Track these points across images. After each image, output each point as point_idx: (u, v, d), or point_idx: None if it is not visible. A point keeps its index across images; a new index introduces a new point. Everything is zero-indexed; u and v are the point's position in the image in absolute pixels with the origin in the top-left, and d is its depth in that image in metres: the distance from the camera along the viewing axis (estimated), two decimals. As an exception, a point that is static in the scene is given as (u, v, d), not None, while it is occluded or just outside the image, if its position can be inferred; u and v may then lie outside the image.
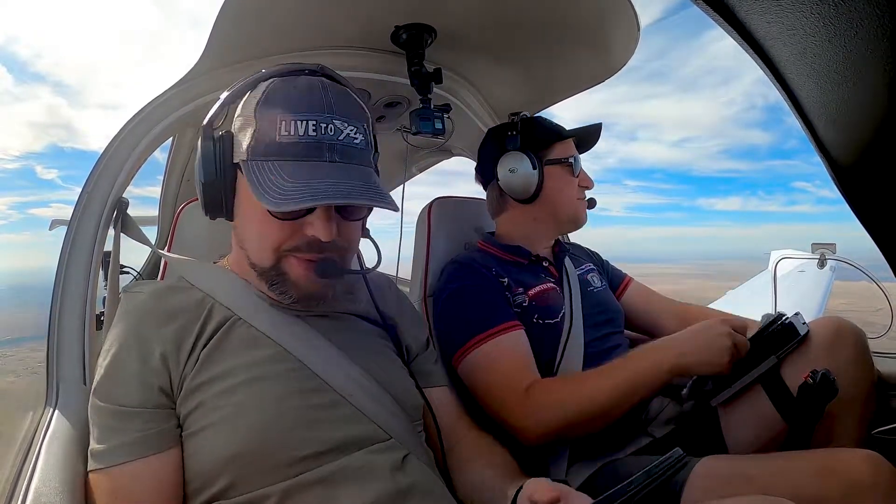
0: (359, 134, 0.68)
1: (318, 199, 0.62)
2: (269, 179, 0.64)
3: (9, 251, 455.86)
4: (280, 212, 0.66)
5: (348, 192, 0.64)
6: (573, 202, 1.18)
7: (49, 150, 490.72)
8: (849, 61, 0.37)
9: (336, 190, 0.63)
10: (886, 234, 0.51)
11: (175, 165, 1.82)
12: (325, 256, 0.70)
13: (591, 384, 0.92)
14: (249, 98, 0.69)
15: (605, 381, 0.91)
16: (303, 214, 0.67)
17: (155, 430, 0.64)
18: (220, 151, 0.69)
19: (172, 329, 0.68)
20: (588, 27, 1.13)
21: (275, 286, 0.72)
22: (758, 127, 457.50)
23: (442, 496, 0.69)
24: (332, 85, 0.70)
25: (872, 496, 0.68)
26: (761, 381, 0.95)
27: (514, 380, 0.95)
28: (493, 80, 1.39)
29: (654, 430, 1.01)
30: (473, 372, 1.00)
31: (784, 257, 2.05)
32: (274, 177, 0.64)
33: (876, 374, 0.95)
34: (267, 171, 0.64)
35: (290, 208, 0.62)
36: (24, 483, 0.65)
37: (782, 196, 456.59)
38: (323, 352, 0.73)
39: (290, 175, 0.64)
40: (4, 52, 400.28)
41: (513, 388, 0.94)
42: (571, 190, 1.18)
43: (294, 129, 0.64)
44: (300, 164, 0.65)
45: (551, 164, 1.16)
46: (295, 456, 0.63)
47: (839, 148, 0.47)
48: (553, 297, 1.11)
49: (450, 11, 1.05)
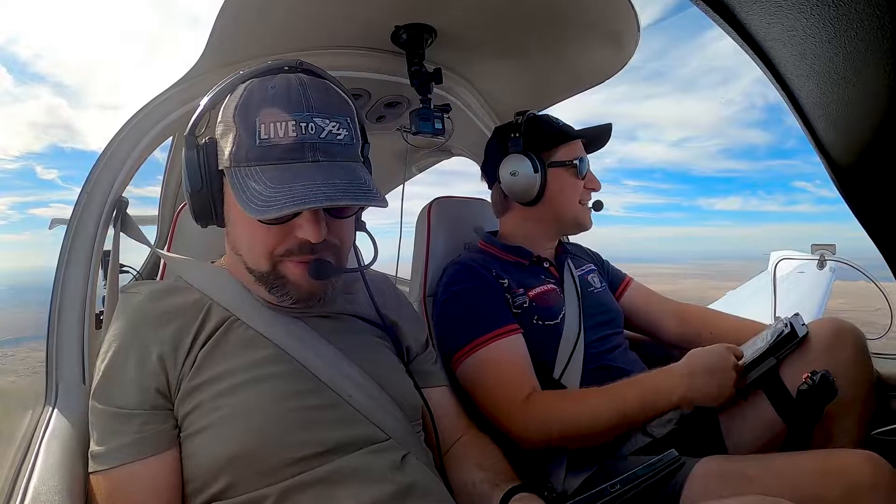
0: (342, 129, 0.66)
1: (299, 204, 0.61)
2: (252, 187, 0.63)
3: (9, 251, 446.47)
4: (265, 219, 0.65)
5: (332, 194, 0.62)
6: (576, 205, 1.17)
7: (49, 151, 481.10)
8: (849, 62, 0.37)
9: (319, 192, 0.62)
10: (886, 234, 0.51)
11: (175, 165, 1.81)
12: (318, 257, 0.69)
13: (594, 403, 0.91)
14: (229, 102, 0.68)
15: (609, 402, 0.90)
16: (290, 218, 0.67)
17: (152, 431, 0.64)
18: (204, 160, 0.68)
19: (170, 330, 0.68)
20: (588, 27, 1.13)
21: (274, 289, 0.71)
22: (757, 127, 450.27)
23: (441, 496, 0.69)
24: (311, 81, 0.68)
25: (872, 497, 0.68)
26: (761, 383, 0.95)
27: (512, 387, 0.95)
28: (494, 79, 1.39)
29: (654, 430, 1.01)
30: (472, 375, 1.00)
31: (784, 258, 2.05)
32: (256, 183, 0.63)
33: (875, 375, 0.95)
34: (249, 178, 0.63)
35: (273, 216, 0.61)
36: (22, 482, 0.65)
37: (782, 196, 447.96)
38: (321, 352, 0.72)
39: (271, 180, 0.62)
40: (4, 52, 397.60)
41: (511, 396, 0.94)
42: (575, 193, 1.16)
43: (273, 131, 0.63)
44: (282, 168, 0.63)
45: (555, 167, 1.15)
46: (293, 457, 0.63)
47: (839, 148, 0.47)
48: (553, 298, 1.11)
49: (450, 11, 1.05)
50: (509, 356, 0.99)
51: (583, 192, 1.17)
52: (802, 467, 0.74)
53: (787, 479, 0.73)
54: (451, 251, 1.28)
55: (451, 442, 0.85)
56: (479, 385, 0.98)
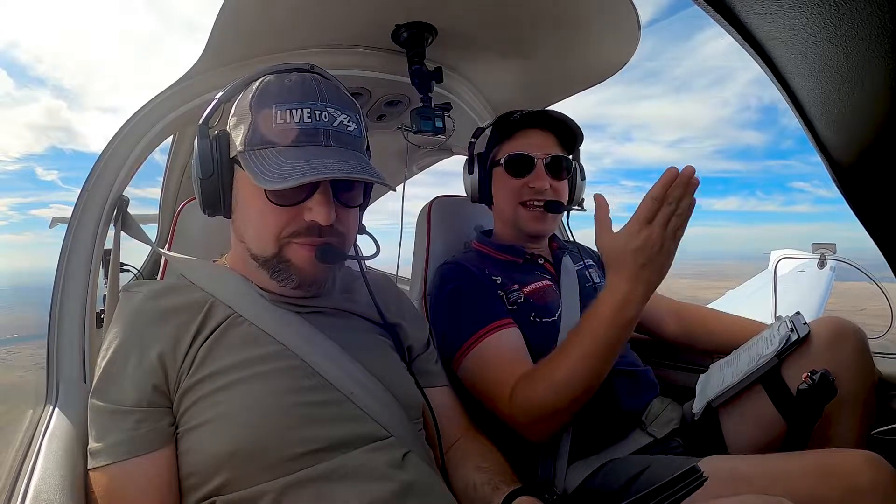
0: (352, 122, 0.70)
1: (317, 174, 0.63)
2: (268, 164, 0.65)
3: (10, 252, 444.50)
4: (280, 195, 0.67)
5: (347, 170, 0.65)
6: (514, 207, 1.11)
7: (49, 152, 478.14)
8: (850, 61, 0.37)
9: (335, 167, 0.64)
10: (887, 234, 0.51)
11: (175, 164, 1.82)
12: (325, 241, 0.71)
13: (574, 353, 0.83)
14: (244, 96, 0.71)
15: (576, 349, 0.82)
16: (302, 199, 0.68)
17: (148, 428, 0.64)
18: (216, 149, 0.71)
19: (170, 328, 0.68)
20: (589, 25, 1.13)
21: (277, 273, 0.72)
22: (753, 128, 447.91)
23: (442, 495, 0.69)
24: (323, 80, 0.72)
25: (872, 497, 0.67)
26: (762, 381, 0.94)
27: (502, 382, 0.92)
28: (494, 78, 1.39)
29: (655, 429, 1.01)
30: (470, 374, 0.99)
31: (784, 257, 2.05)
32: (271, 161, 0.65)
33: (876, 375, 0.95)
34: (263, 158, 0.66)
35: (291, 185, 0.63)
36: (24, 480, 0.65)
37: (780, 196, 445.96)
38: (324, 349, 0.73)
39: (287, 158, 0.65)
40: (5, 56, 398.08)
41: (501, 392, 0.91)
42: (510, 194, 1.11)
43: (290, 117, 0.66)
44: (297, 149, 0.66)
45: (495, 166, 1.14)
46: (293, 453, 0.63)
47: (840, 148, 0.47)
48: (550, 295, 1.09)
49: (450, 10, 1.05)
50: (498, 351, 0.97)
51: (524, 192, 1.10)
52: (802, 467, 0.74)
53: (787, 478, 0.73)
54: (451, 250, 1.28)
55: (451, 442, 0.85)
56: (478, 380, 0.97)
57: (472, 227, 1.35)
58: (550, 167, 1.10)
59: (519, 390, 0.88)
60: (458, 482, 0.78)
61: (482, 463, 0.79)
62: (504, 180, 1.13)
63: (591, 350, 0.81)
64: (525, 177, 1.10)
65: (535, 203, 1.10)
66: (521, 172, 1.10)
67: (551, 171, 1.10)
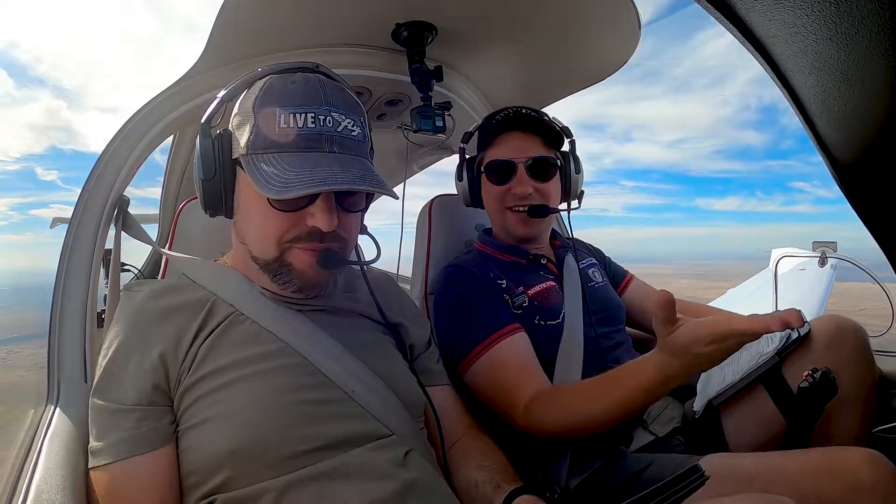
0: (356, 127, 0.70)
1: (320, 186, 0.63)
2: (269, 171, 0.64)
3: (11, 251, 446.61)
4: (282, 200, 0.66)
5: (351, 180, 0.64)
6: (500, 212, 1.12)
7: (49, 152, 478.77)
8: (850, 59, 0.37)
9: (337, 177, 0.64)
10: (888, 232, 0.51)
11: (176, 164, 1.82)
12: (326, 246, 0.71)
13: (599, 396, 0.84)
14: (247, 95, 0.70)
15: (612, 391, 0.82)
16: (304, 205, 0.68)
17: (149, 427, 0.64)
18: (218, 149, 0.70)
19: (171, 327, 0.68)
20: (589, 23, 1.12)
21: (278, 277, 0.72)
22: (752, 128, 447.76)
23: (444, 493, 0.69)
24: (328, 81, 0.71)
25: (872, 495, 0.67)
26: (763, 380, 0.95)
27: (515, 391, 0.92)
28: (494, 77, 1.39)
29: (656, 428, 1.01)
30: (478, 381, 0.98)
31: (785, 255, 2.05)
32: (274, 168, 0.64)
33: (877, 373, 0.95)
34: (266, 164, 0.65)
35: (294, 195, 0.62)
36: (25, 481, 0.65)
37: (780, 196, 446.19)
38: (325, 347, 0.73)
39: (290, 165, 0.64)
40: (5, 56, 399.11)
41: (514, 402, 0.91)
42: (494, 199, 1.12)
43: (293, 121, 0.65)
44: (300, 155, 0.65)
45: (480, 172, 1.15)
46: (295, 451, 0.63)
47: (841, 146, 0.47)
48: (554, 297, 1.09)
49: (450, 9, 1.05)
50: (512, 357, 0.97)
51: (507, 198, 1.10)
52: (803, 465, 0.74)
53: (787, 477, 0.73)
54: (452, 249, 1.28)
55: (452, 441, 0.85)
56: (489, 388, 0.96)
57: (472, 225, 1.35)
58: (533, 169, 1.08)
59: (535, 406, 0.88)
60: (460, 481, 0.78)
61: (484, 461, 0.79)
62: (487, 187, 1.14)
63: (618, 402, 0.81)
64: (507, 182, 1.09)
65: (520, 208, 1.09)
66: (503, 178, 1.09)
67: (534, 173, 1.08)
